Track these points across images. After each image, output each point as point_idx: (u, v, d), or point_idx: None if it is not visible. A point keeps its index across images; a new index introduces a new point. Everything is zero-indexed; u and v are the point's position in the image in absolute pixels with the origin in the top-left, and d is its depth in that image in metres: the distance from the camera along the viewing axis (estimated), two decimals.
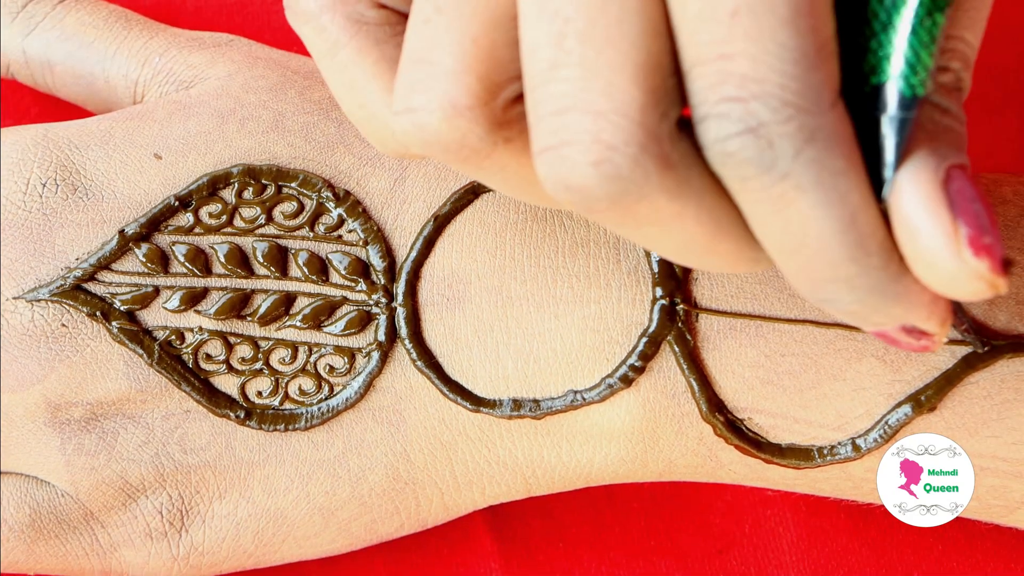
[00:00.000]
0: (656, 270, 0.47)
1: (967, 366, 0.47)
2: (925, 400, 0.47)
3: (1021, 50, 0.59)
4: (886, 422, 0.47)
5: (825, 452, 0.48)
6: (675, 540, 0.54)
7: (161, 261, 0.48)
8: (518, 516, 0.54)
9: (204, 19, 0.57)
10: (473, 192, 0.48)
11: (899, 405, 0.47)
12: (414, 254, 0.48)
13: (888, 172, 0.37)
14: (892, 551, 0.54)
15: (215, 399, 0.48)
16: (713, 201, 0.37)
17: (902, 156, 0.37)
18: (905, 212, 0.37)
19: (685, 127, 0.37)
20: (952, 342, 0.47)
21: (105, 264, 0.48)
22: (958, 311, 0.47)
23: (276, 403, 0.48)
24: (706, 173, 0.37)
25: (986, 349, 0.47)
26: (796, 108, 0.35)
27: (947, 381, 0.47)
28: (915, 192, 0.37)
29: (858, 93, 0.38)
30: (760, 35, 0.35)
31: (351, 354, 0.48)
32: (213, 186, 0.48)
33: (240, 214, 0.48)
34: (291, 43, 0.57)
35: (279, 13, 0.57)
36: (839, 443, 0.47)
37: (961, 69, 0.39)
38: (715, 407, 0.47)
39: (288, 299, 0.48)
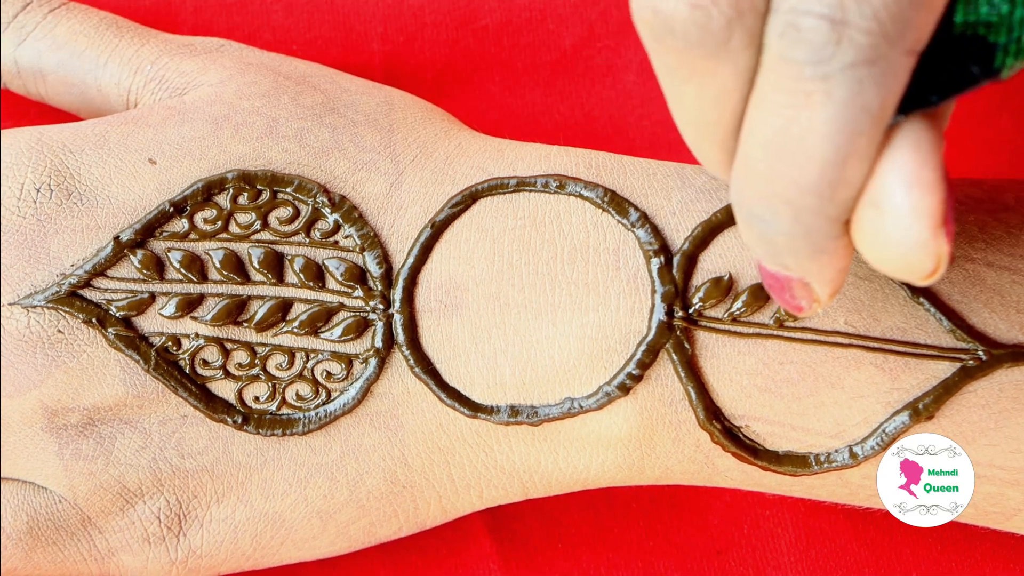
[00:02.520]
0: (655, 278, 0.47)
1: (966, 375, 0.46)
2: (923, 408, 0.46)
3: None
4: (883, 430, 0.47)
5: (822, 459, 0.47)
6: (674, 541, 0.54)
7: (157, 267, 0.48)
8: (517, 517, 0.54)
9: (204, 19, 0.57)
10: (471, 197, 0.48)
11: (897, 413, 0.47)
12: (411, 260, 0.48)
13: (934, 98, 0.38)
14: (891, 551, 0.54)
15: (212, 404, 0.48)
16: (742, 81, 0.37)
17: (943, 104, 0.38)
18: (918, 152, 0.37)
19: None
20: (948, 351, 0.47)
21: (100, 270, 0.48)
22: None
23: (273, 408, 0.48)
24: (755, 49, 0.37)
25: (985, 359, 0.47)
26: (882, 30, 0.35)
27: (945, 390, 0.46)
28: (931, 141, 0.38)
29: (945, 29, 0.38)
30: None
31: (348, 360, 0.48)
32: (208, 191, 0.48)
33: (235, 220, 0.48)
34: (290, 42, 0.57)
35: (279, 12, 0.57)
36: (836, 450, 0.47)
37: None
38: (712, 415, 0.47)
39: (284, 305, 0.48)
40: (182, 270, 0.48)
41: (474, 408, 0.48)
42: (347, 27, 0.58)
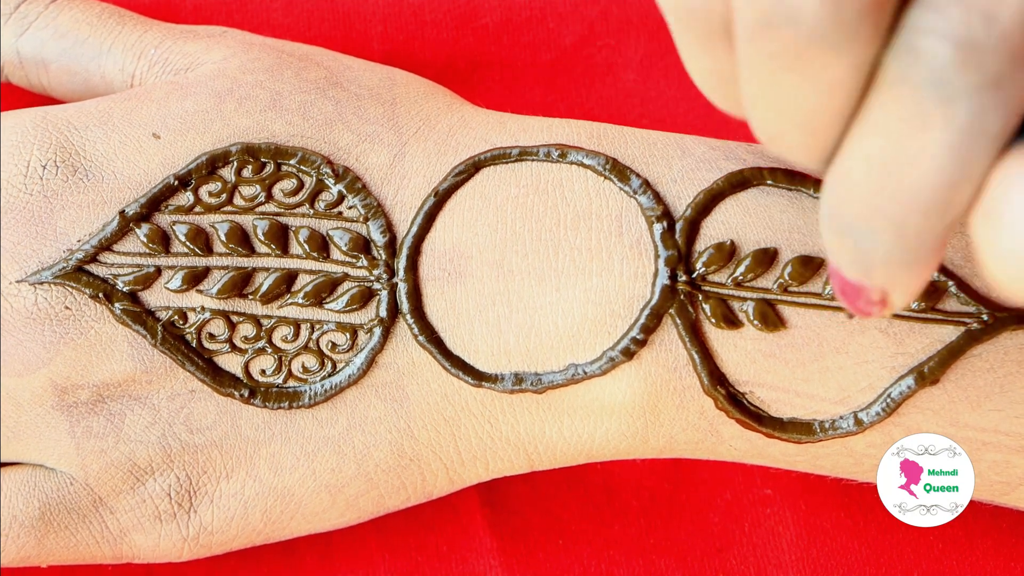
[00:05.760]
0: (659, 243, 0.47)
1: (970, 338, 0.46)
2: (928, 372, 0.46)
3: None
4: (889, 395, 0.47)
5: (827, 426, 0.47)
6: (674, 538, 0.54)
7: (162, 241, 0.48)
8: (518, 513, 0.54)
9: (203, 18, 0.58)
10: (474, 166, 0.49)
11: (902, 378, 0.47)
12: (415, 229, 0.48)
13: None
14: (892, 551, 0.54)
15: (219, 378, 0.48)
16: (857, 85, 0.35)
17: None
18: None
19: None
20: (952, 314, 0.47)
21: (107, 245, 0.48)
22: None
23: (280, 381, 0.48)
24: (880, 46, 0.34)
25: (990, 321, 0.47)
26: (1010, 51, 0.33)
27: (950, 353, 0.46)
28: None
29: None
30: None
31: (353, 331, 0.48)
32: (212, 165, 0.48)
33: (240, 192, 0.49)
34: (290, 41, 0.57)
35: (278, 11, 0.58)
36: (841, 417, 0.47)
37: None
38: (716, 380, 0.47)
39: (290, 277, 0.48)
40: (188, 243, 0.48)
41: (478, 377, 0.48)
42: (347, 27, 0.58)
